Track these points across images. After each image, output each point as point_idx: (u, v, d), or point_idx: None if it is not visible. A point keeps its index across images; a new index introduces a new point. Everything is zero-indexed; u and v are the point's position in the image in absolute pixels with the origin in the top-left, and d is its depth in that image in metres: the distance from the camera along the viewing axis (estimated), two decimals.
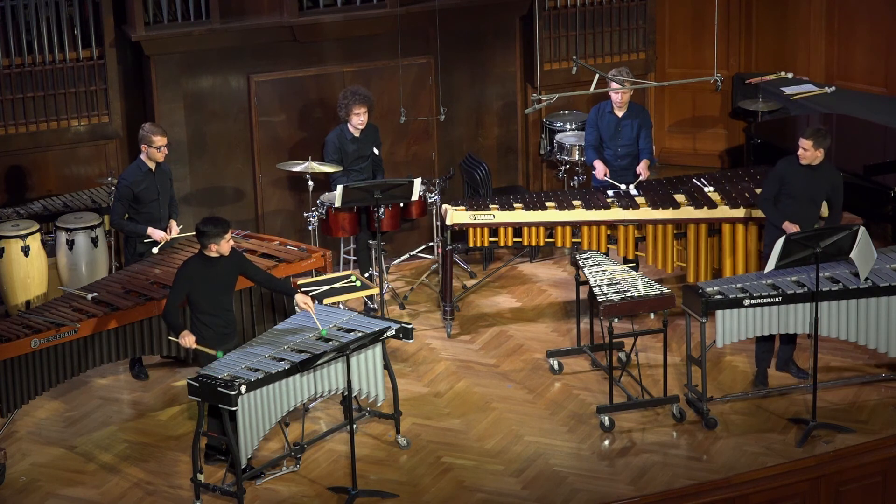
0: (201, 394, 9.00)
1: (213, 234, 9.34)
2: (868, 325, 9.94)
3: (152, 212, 10.54)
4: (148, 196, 10.49)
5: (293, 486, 9.40)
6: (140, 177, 10.47)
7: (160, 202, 10.57)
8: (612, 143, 11.42)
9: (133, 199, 10.47)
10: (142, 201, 10.48)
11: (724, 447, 9.68)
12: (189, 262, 9.47)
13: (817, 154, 10.23)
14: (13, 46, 11.62)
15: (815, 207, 10.35)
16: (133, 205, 10.49)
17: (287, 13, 11.95)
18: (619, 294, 9.95)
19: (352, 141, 11.51)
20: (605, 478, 9.40)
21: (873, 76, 13.76)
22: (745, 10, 14.13)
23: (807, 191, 10.30)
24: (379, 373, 9.63)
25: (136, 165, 10.53)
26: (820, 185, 10.29)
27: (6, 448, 9.63)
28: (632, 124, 11.36)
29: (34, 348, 9.48)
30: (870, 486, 9.34)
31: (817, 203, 10.35)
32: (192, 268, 9.42)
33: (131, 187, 10.43)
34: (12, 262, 11.11)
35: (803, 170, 10.31)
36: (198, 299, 9.42)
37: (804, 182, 10.29)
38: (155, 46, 11.79)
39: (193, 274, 9.39)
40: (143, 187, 10.46)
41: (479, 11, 12.43)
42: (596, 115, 11.46)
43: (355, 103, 11.43)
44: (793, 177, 10.34)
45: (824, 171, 10.32)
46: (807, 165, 10.28)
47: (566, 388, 10.47)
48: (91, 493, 9.36)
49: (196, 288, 9.39)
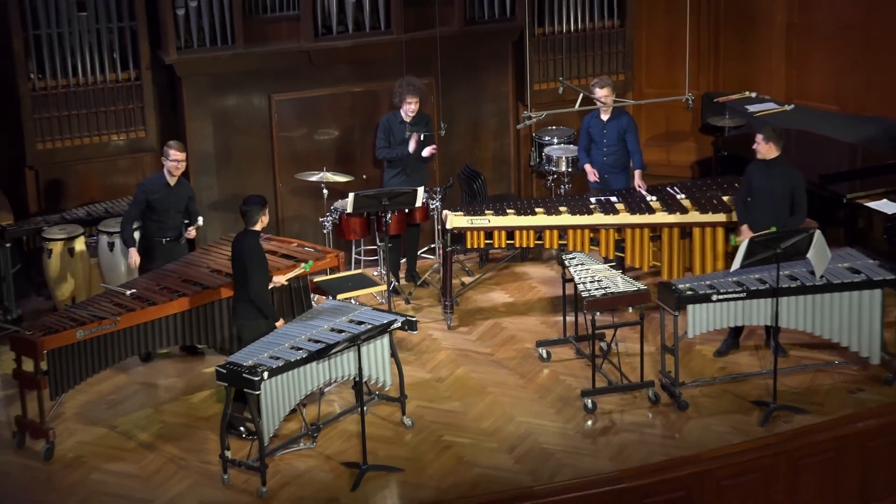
0: (228, 379, 9.03)
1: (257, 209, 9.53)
2: (823, 317, 9.97)
3: (164, 220, 10.51)
4: (161, 206, 10.45)
5: (310, 462, 9.42)
6: (157, 187, 10.44)
7: (171, 214, 10.53)
8: (599, 145, 11.57)
9: (147, 205, 10.45)
10: (155, 209, 10.45)
11: (694, 427, 9.70)
12: (256, 241, 9.53)
13: (769, 147, 10.28)
14: (59, 69, 11.65)
15: (775, 204, 10.34)
16: (147, 211, 10.46)
17: (304, 39, 11.98)
18: (600, 290, 9.97)
19: (401, 123, 11.56)
20: (588, 454, 9.43)
21: (827, 96, 13.78)
22: (714, 36, 14.14)
23: (766, 186, 10.33)
24: (386, 360, 9.66)
25: (158, 176, 10.54)
26: (778, 181, 10.31)
27: (55, 427, 9.65)
28: (616, 127, 11.44)
29: (79, 339, 9.51)
30: (824, 461, 9.34)
31: (778, 200, 10.35)
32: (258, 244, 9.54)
33: (146, 194, 10.40)
34: (59, 262, 11.14)
35: (762, 166, 10.37)
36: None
37: (763, 177, 10.35)
38: (186, 69, 11.82)
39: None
40: (157, 196, 10.42)
41: (475, 37, 12.47)
42: (587, 122, 11.59)
43: (409, 93, 11.50)
44: (754, 173, 10.43)
45: (783, 169, 10.36)
46: (765, 163, 10.33)
47: (553, 374, 10.51)
48: (131, 468, 9.39)
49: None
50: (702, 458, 9.15)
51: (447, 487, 9.10)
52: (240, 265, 9.50)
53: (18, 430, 9.66)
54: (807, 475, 9.31)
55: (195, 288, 10.06)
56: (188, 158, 11.91)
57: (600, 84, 11.50)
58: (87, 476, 9.31)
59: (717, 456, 9.17)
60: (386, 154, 11.65)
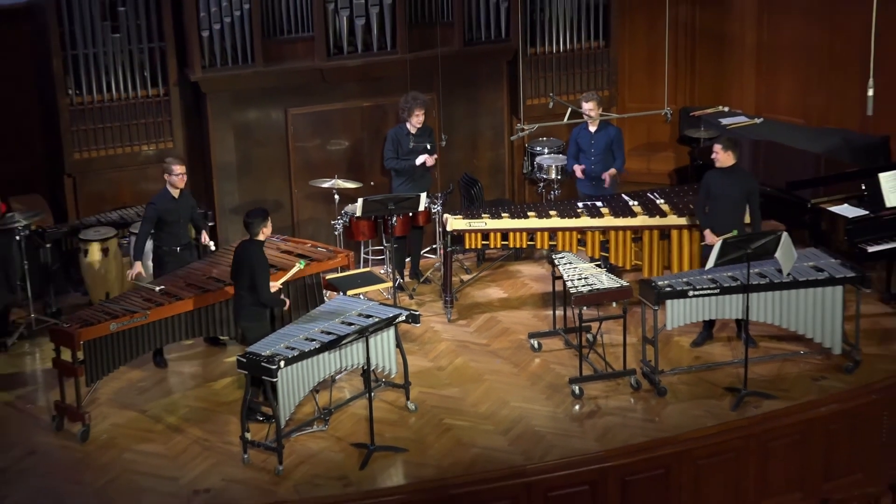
0: (248, 368, 9.03)
1: (259, 221, 9.44)
2: (789, 311, 9.96)
3: (174, 231, 10.40)
4: (171, 218, 10.34)
5: (322, 443, 9.42)
6: (166, 203, 10.32)
7: (181, 224, 10.45)
8: (587, 154, 11.57)
9: (158, 220, 10.35)
10: (166, 222, 10.34)
11: (672, 411, 9.69)
12: (260, 250, 9.46)
13: (727, 155, 10.27)
14: (95, 86, 11.65)
15: (734, 209, 10.32)
16: (158, 224, 10.35)
17: (318, 58, 11.99)
18: (587, 287, 9.97)
19: (407, 135, 11.53)
20: (575, 436, 9.42)
21: (794, 110, 13.78)
22: (690, 56, 14.15)
23: (724, 192, 10.31)
24: (392, 350, 9.65)
25: (164, 192, 10.38)
26: (735, 188, 10.30)
27: (90, 411, 9.65)
28: (604, 138, 11.45)
29: (112, 331, 9.52)
30: (790, 442, 9.35)
31: (737, 204, 10.33)
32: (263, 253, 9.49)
33: (158, 211, 10.29)
34: (94, 261, 11.14)
35: (720, 174, 10.35)
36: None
37: (720, 184, 10.33)
38: (210, 86, 11.82)
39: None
40: (166, 209, 10.32)
41: (473, 57, 12.47)
42: (576, 133, 11.61)
43: (416, 106, 11.50)
44: (712, 181, 10.40)
45: (739, 176, 10.35)
46: (723, 170, 10.32)
47: (544, 363, 10.50)
48: (159, 448, 9.40)
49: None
50: (679, 440, 9.17)
51: (447, 466, 9.10)
52: (246, 272, 9.42)
53: (57, 414, 9.66)
54: (775, 455, 9.33)
55: (218, 284, 10.05)
56: (211, 168, 11.98)
57: (586, 98, 11.53)
58: (119, 456, 9.32)
59: (694, 438, 9.18)
60: (394, 165, 11.65)
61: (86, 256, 11.14)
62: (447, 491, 8.68)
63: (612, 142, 11.51)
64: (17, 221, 10.80)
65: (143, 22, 11.69)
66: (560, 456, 9.12)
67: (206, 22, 11.64)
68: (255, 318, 9.50)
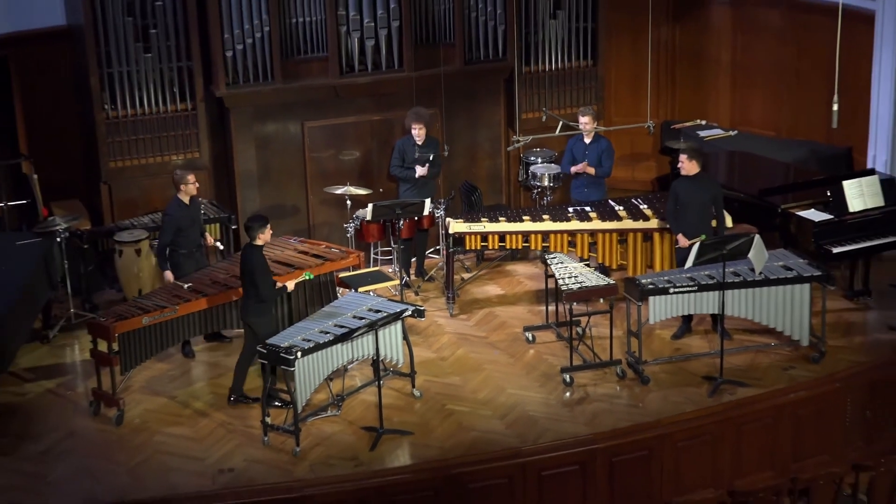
0: (268, 358, 9.04)
1: (258, 227, 9.37)
2: (761, 307, 9.96)
3: (189, 236, 10.32)
4: (186, 224, 10.29)
5: (335, 426, 9.43)
6: (181, 211, 10.27)
7: (195, 228, 10.41)
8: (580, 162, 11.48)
9: (176, 228, 10.31)
10: (182, 229, 10.27)
11: (654, 398, 9.69)
12: (259, 254, 9.41)
13: (692, 164, 10.26)
14: (128, 101, 11.65)
15: (702, 212, 10.31)
16: (175, 231, 10.30)
17: (331, 76, 11.98)
18: (577, 284, 9.96)
19: (413, 146, 11.51)
20: (566, 420, 9.42)
21: (766, 123, 13.76)
22: (671, 73, 14.14)
23: (692, 198, 10.30)
24: (399, 342, 9.65)
25: (176, 202, 10.29)
26: (702, 193, 10.30)
27: (125, 398, 9.67)
28: (596, 149, 11.43)
29: (145, 324, 9.52)
30: (762, 425, 9.33)
31: (704, 208, 10.32)
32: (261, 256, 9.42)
33: (175, 221, 10.23)
34: (128, 261, 11.13)
35: (687, 181, 10.35)
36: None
37: (688, 191, 10.33)
38: (233, 101, 11.81)
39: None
40: (181, 217, 10.27)
41: (473, 75, 12.45)
42: (572, 143, 11.58)
43: (413, 121, 11.50)
44: (680, 188, 10.39)
45: (705, 182, 10.35)
46: (689, 178, 10.31)
47: (538, 354, 10.49)
48: (187, 431, 9.41)
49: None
50: (661, 424, 9.16)
51: (449, 447, 9.10)
52: (248, 274, 9.37)
53: (95, 400, 9.67)
54: (748, 437, 9.31)
55: (239, 282, 10.01)
56: (235, 176, 11.97)
57: (583, 112, 11.49)
58: (151, 438, 9.33)
59: (674, 422, 9.18)
60: (398, 173, 11.63)
61: (120, 257, 11.13)
62: (449, 470, 8.67)
63: (603, 151, 11.48)
64: (57, 224, 10.81)
65: (173, 43, 11.69)
66: (552, 439, 9.12)
67: (229, 43, 11.63)
68: (259, 314, 9.44)
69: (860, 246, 10.80)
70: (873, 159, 12.11)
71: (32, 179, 11.53)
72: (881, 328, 10.65)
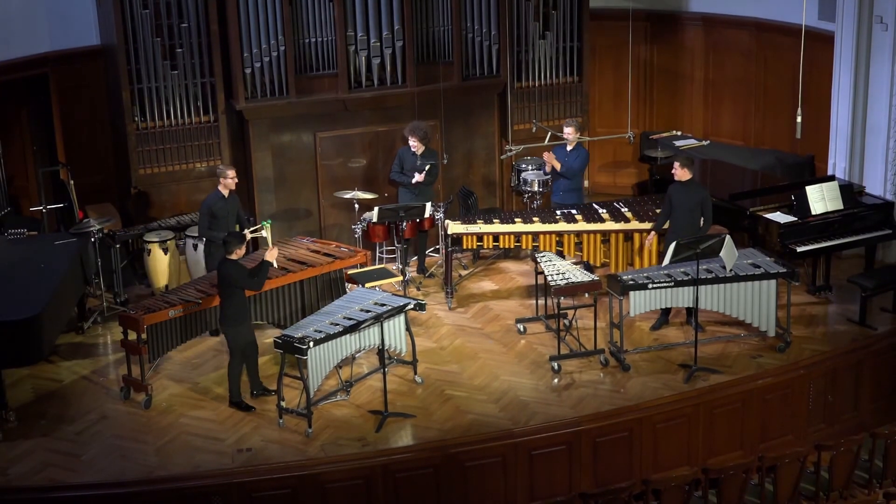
0: (283, 347, 8.99)
1: (234, 243, 9.19)
2: (732, 301, 9.92)
3: (223, 226, 10.29)
4: (221, 214, 10.30)
5: (344, 410, 9.39)
6: (217, 201, 10.28)
7: (230, 220, 10.37)
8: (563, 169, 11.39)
9: (211, 216, 10.30)
10: (217, 217, 10.29)
11: (635, 383, 9.65)
12: (234, 267, 9.17)
13: (684, 172, 10.23)
14: (157, 114, 11.60)
15: (692, 214, 10.28)
16: (211, 221, 10.31)
17: (341, 91, 11.92)
18: (564, 280, 9.92)
19: (412, 155, 11.45)
20: (554, 404, 9.39)
21: (735, 133, 13.73)
22: (649, 88, 14.10)
23: (683, 203, 10.28)
24: (402, 333, 9.60)
25: (215, 193, 10.37)
26: (692, 198, 10.27)
27: (152, 383, 9.63)
28: (576, 157, 11.36)
29: (171, 317, 9.49)
30: (733, 409, 9.29)
31: (693, 211, 10.29)
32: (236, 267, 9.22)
33: (210, 207, 10.27)
34: (156, 259, 11.09)
35: (680, 187, 10.31)
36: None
37: (680, 196, 10.30)
38: (252, 113, 11.76)
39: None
40: (218, 207, 10.27)
41: (469, 90, 12.39)
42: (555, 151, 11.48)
43: (409, 134, 11.44)
44: (674, 193, 10.36)
45: (694, 188, 10.33)
46: (682, 184, 10.28)
47: (529, 344, 10.44)
48: (209, 414, 9.37)
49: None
50: (641, 407, 9.12)
51: (448, 429, 9.07)
52: (226, 286, 9.15)
53: (125, 385, 9.63)
54: (720, 420, 9.28)
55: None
56: (253, 181, 11.91)
57: (567, 124, 11.43)
58: (176, 420, 9.30)
59: (653, 406, 9.14)
60: (396, 178, 11.55)
61: (149, 255, 11.10)
62: (448, 450, 8.63)
63: (578, 156, 11.42)
64: (92, 226, 10.77)
65: (197, 61, 11.63)
66: (542, 421, 9.09)
67: (248, 61, 11.58)
68: (234, 323, 9.23)
69: (822, 245, 10.77)
70: (833, 167, 12.08)
71: (69, 185, 11.51)
72: (841, 320, 10.61)
